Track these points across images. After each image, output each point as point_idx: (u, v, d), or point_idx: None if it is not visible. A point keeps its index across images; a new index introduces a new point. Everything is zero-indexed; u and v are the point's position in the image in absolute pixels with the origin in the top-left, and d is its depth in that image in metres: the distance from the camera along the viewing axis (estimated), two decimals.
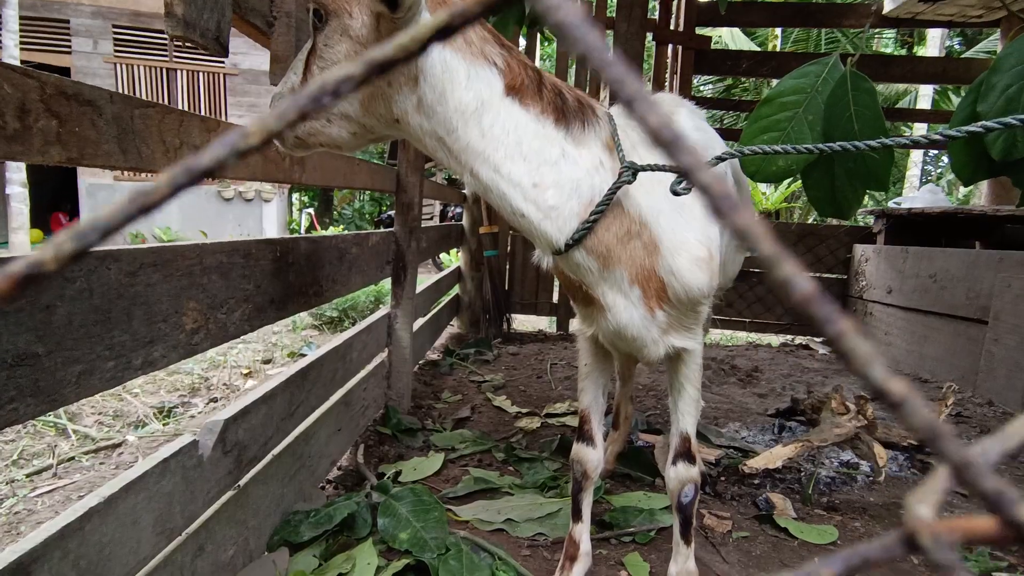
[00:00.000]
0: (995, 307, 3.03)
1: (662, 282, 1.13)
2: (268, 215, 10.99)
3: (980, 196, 4.48)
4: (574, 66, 4.46)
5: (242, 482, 1.32)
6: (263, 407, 1.39)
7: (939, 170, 16.59)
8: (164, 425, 2.66)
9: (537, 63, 4.42)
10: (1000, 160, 1.26)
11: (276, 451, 1.48)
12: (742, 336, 4.94)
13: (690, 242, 1.15)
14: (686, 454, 1.27)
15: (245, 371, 3.57)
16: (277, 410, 1.46)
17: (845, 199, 1.15)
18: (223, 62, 10.29)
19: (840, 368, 3.82)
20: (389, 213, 14.87)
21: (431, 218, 13.03)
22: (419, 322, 3.23)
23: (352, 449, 2.07)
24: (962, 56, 11.34)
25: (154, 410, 2.79)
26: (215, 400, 3.06)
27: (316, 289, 1.63)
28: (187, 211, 10.11)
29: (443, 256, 9.18)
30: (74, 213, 10.43)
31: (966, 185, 1.40)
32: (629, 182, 1.05)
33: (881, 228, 4.27)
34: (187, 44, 0.86)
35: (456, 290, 4.53)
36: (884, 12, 4.03)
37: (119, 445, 2.45)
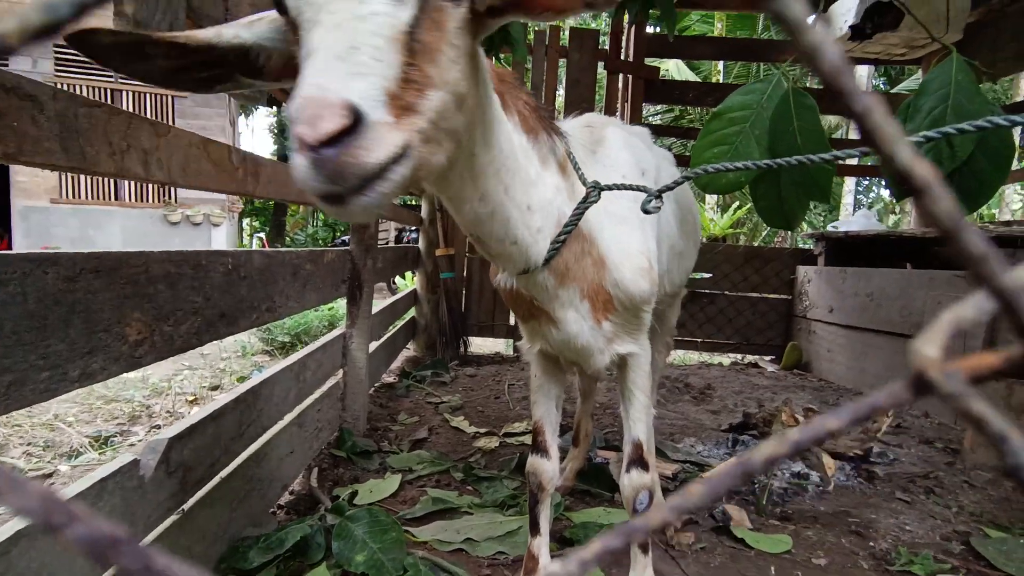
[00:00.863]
0: (927, 323, 3.19)
1: (609, 295, 1.17)
2: (217, 240, 10.66)
3: (909, 222, 4.79)
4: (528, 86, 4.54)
5: (187, 505, 1.25)
6: (211, 426, 1.33)
7: (870, 198, 17.80)
8: (100, 454, 2.51)
9: None
10: None
11: (224, 473, 1.41)
12: (695, 356, 5.05)
13: (632, 254, 1.19)
14: (639, 461, 1.28)
15: (190, 398, 3.41)
16: (226, 430, 1.40)
17: (791, 209, 1.22)
18: None
19: (788, 384, 3.95)
20: (344, 239, 14.67)
21: (387, 242, 12.93)
22: (374, 344, 3.18)
23: (305, 472, 2.00)
24: (888, 92, 12.16)
25: (89, 439, 2.62)
26: (157, 428, 2.90)
27: (269, 305, 1.59)
28: (130, 235, 9.71)
29: (398, 280, 9.08)
30: (4, 236, 9.87)
31: (898, 200, 1.49)
32: (595, 202, 1.08)
33: (821, 250, 4.48)
34: None
35: (412, 313, 4.48)
36: None
37: (50, 475, 2.29)
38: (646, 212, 1.04)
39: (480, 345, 4.78)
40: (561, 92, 4.75)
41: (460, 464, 2.19)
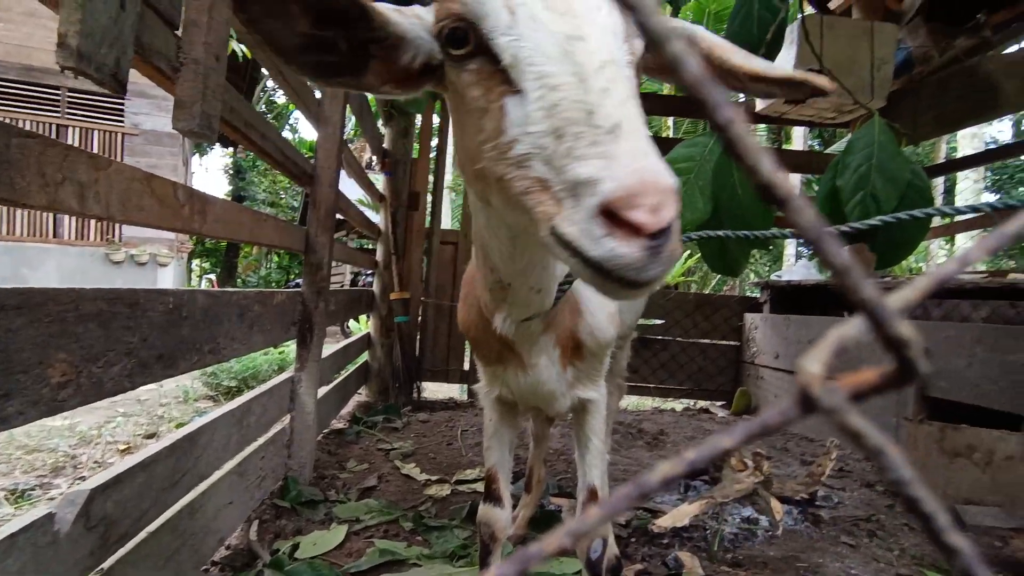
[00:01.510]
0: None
1: (580, 341, 1.18)
2: (163, 281, 10.28)
3: None
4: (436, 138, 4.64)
5: (107, 564, 1.16)
6: (140, 475, 1.25)
7: (811, 249, 18.67)
8: (16, 509, 2.31)
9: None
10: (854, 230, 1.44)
11: (153, 527, 1.32)
12: (648, 402, 5.09)
13: (605, 301, 1.21)
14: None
15: (123, 447, 3.21)
16: (158, 479, 1.32)
17: (734, 257, 1.27)
18: (122, 121, 9.84)
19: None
20: (298, 281, 14.37)
21: (342, 285, 12.73)
22: (324, 389, 3.08)
23: (244, 525, 1.89)
24: (822, 152, 13.00)
25: (5, 492, 2.42)
26: (83, 479, 2.70)
27: (212, 347, 1.53)
28: (67, 275, 9.26)
29: (352, 324, 8.91)
30: None
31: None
32: None
33: (766, 298, 4.65)
34: (82, 97, 0.82)
35: (365, 357, 4.39)
36: (756, 110, 4.58)
37: None
38: None
39: (434, 390, 4.70)
40: None
41: (410, 513, 2.12)
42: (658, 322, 4.73)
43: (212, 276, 13.43)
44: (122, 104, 9.65)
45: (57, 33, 0.76)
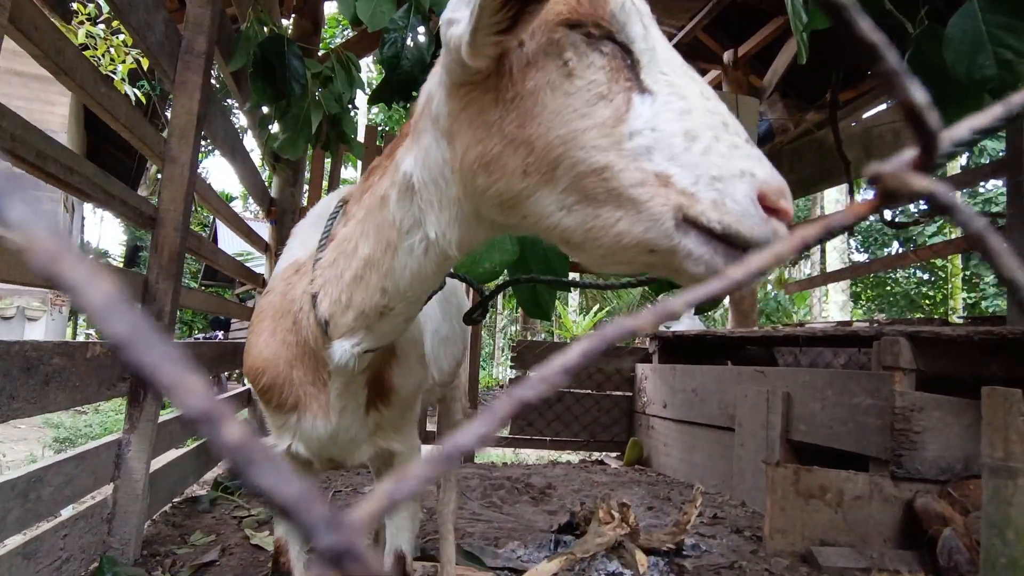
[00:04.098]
0: (738, 416, 3.47)
1: (390, 385, 1.10)
2: (32, 337, 9.29)
3: (727, 324, 5.37)
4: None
5: None
6: None
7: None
8: None
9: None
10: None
11: None
12: (544, 454, 5.03)
13: (416, 342, 1.15)
14: None
15: None
16: None
17: (544, 301, 1.27)
18: None
19: (626, 480, 4.02)
20: (198, 336, 13.43)
21: None
22: (176, 452, 2.81)
23: None
24: None
25: None
26: None
27: None
28: None
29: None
30: None
31: (656, 295, 1.61)
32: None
33: (655, 349, 4.79)
34: None
35: (244, 415, 4.08)
36: None
37: None
38: None
39: None
40: None
41: None
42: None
43: (91, 331, 12.25)
44: None
45: None
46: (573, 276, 2.15)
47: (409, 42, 1.69)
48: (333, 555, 0.15)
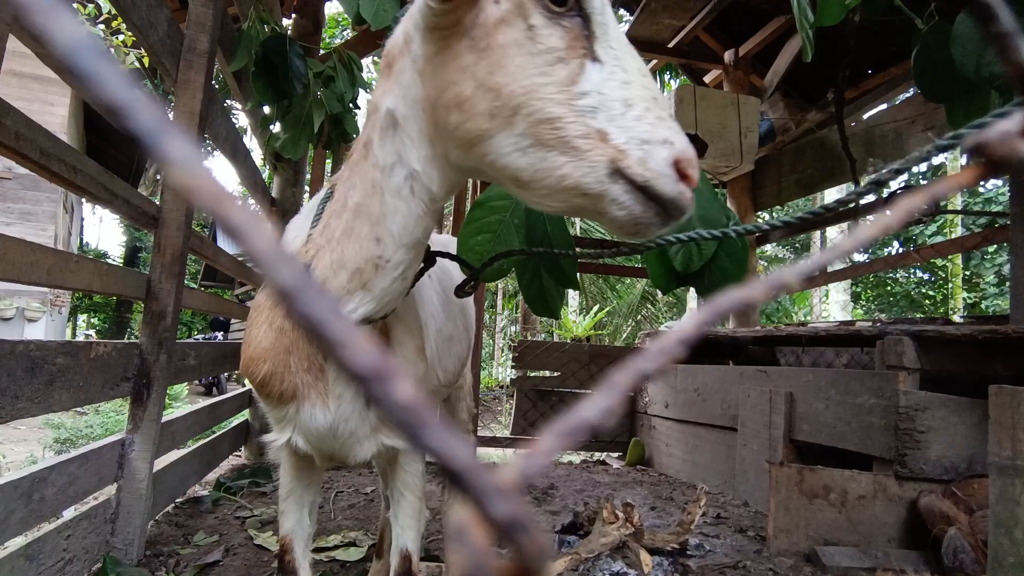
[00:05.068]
0: (741, 416, 3.46)
1: None
2: (31, 338, 9.27)
3: (728, 323, 5.36)
4: None
5: None
6: None
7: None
8: None
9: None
10: (683, 271, 1.49)
11: None
12: None
13: (413, 331, 1.14)
14: (406, 575, 1.15)
15: None
16: None
17: (552, 298, 1.26)
18: None
19: (628, 480, 4.02)
20: (199, 337, 13.41)
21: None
22: (179, 453, 2.80)
23: None
24: None
25: None
26: None
27: None
28: None
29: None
30: None
31: (664, 293, 1.61)
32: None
33: None
34: None
35: (246, 415, 4.08)
36: None
37: None
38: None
39: None
40: None
41: None
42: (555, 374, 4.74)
43: (91, 332, 12.19)
44: None
45: None
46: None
47: None
48: (504, 525, 0.15)
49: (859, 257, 17.10)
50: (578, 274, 1.33)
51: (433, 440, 0.15)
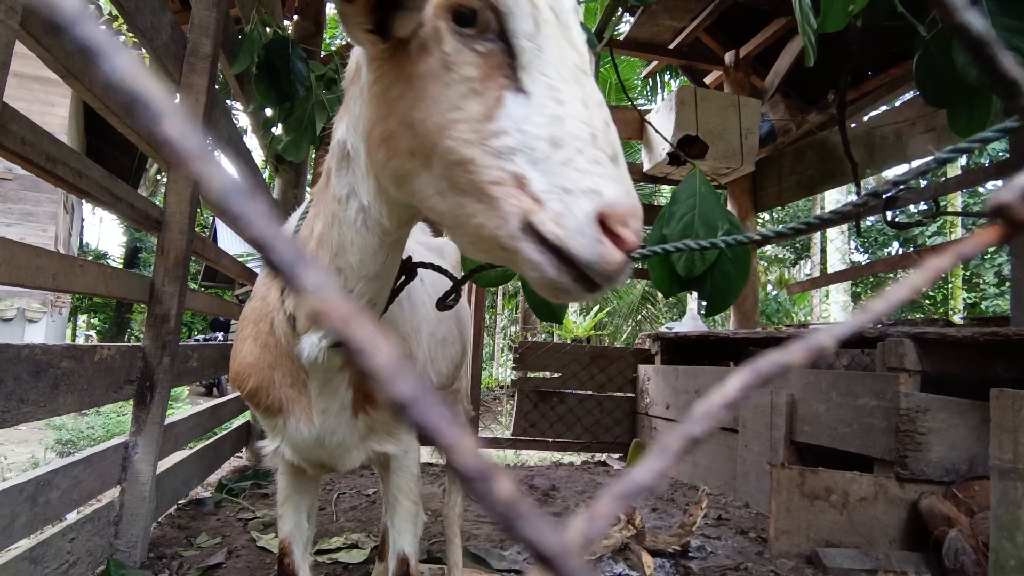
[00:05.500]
0: (742, 417, 3.47)
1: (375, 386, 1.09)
2: (32, 338, 9.28)
3: (729, 324, 5.37)
4: None
5: None
6: None
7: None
8: None
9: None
10: (685, 276, 1.49)
11: None
12: (546, 455, 5.03)
13: (397, 338, 1.14)
14: None
15: None
16: None
17: (556, 304, 1.27)
18: None
19: None
20: (198, 338, 13.40)
21: None
22: (180, 455, 2.80)
23: None
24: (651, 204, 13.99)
25: None
26: None
27: None
28: None
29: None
30: None
31: (666, 296, 1.61)
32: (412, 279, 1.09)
33: (657, 350, 4.79)
34: None
35: (247, 417, 4.08)
36: (644, 170, 4.87)
37: None
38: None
39: None
40: None
41: None
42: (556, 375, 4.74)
43: (91, 333, 12.20)
44: None
45: None
46: None
47: None
48: None
49: (859, 258, 17.13)
50: None
51: (527, 531, 0.16)
